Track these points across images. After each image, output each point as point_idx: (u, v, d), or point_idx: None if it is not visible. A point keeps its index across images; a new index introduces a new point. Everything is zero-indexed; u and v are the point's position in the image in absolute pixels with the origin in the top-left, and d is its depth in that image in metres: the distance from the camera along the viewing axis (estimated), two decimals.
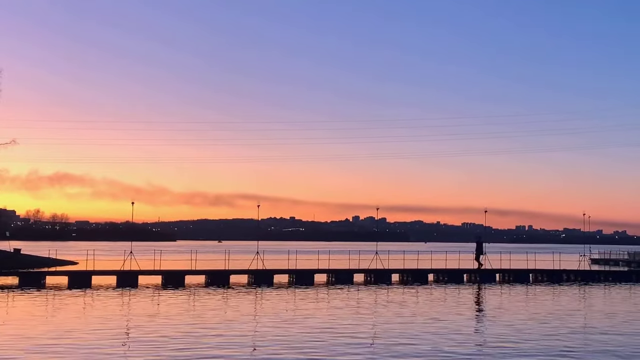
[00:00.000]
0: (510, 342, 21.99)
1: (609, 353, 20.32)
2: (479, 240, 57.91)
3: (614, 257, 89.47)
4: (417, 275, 52.80)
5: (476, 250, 56.68)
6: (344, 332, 23.94)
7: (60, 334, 22.84)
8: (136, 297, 36.74)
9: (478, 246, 56.75)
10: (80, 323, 25.83)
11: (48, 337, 22.17)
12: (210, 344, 20.88)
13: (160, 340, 21.42)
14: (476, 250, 56.68)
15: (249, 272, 49.87)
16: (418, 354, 19.71)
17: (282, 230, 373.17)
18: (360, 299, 37.22)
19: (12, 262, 57.21)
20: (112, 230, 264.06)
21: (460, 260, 59.33)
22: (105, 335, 22.58)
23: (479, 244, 56.86)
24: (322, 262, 55.94)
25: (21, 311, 30.30)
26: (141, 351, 19.64)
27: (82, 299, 35.85)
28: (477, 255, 56.35)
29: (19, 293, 38.47)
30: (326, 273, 51.57)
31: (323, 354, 19.59)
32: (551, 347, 21.06)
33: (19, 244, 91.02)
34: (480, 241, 57.42)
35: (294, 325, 25.49)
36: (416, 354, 19.71)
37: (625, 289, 47.51)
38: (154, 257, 51.87)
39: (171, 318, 27.42)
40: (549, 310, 32.42)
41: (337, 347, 20.70)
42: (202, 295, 38.08)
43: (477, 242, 57.62)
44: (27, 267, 56.33)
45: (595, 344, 21.97)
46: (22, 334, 22.85)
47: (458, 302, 35.99)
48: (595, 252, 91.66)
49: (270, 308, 31.95)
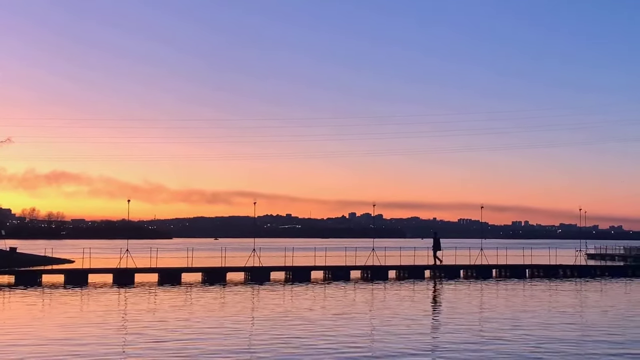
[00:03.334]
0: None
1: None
2: (435, 236, 56.38)
3: (610, 252, 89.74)
4: (413, 271, 52.82)
5: (433, 247, 54.97)
6: (342, 331, 23.93)
7: (56, 332, 22.79)
8: (132, 295, 36.69)
9: (435, 242, 55.08)
10: (77, 321, 25.75)
11: (45, 335, 22.12)
12: (207, 342, 20.84)
13: (157, 338, 21.38)
14: (433, 247, 54.97)
15: (246, 269, 49.85)
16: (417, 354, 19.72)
17: (278, 228, 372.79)
18: (357, 296, 37.23)
19: (8, 261, 57.12)
20: (108, 228, 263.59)
21: (456, 256, 59.33)
22: (102, 333, 22.53)
23: (436, 240, 55.19)
24: (319, 259, 55.98)
25: (17, 310, 30.21)
26: (138, 349, 19.60)
27: (79, 297, 35.79)
28: (435, 250, 54.59)
29: (15, 292, 38.39)
30: (323, 270, 51.59)
31: (319, 351, 19.58)
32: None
33: (15, 242, 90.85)
34: (437, 237, 55.84)
35: (290, 322, 25.47)
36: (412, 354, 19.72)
37: (621, 284, 47.61)
38: (150, 255, 51.87)
39: (168, 316, 27.37)
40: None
41: (335, 344, 20.69)
42: (198, 293, 38.04)
43: (434, 238, 55.92)
44: (23, 265, 56.21)
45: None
46: (18, 332, 22.79)
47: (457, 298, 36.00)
48: (592, 247, 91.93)
49: (267, 305, 31.90)
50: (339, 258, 58.99)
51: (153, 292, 38.87)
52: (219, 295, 36.80)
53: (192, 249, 58.25)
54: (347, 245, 65.45)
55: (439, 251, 54.84)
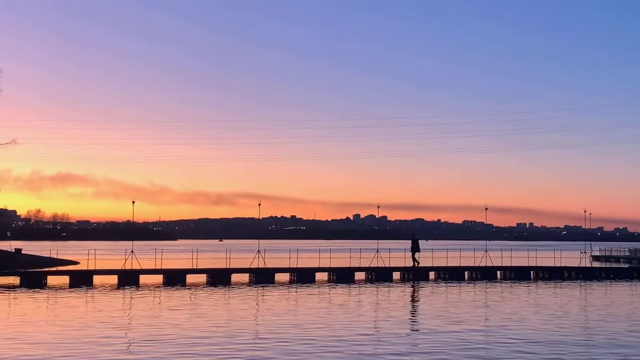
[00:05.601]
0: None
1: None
2: (413, 237, 55.25)
3: (615, 254, 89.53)
4: (418, 273, 52.74)
5: (412, 248, 53.71)
6: (342, 331, 23.95)
7: (60, 333, 22.87)
8: (137, 296, 36.77)
9: (414, 244, 53.75)
10: (82, 322, 25.82)
11: (50, 337, 22.19)
12: (212, 343, 20.89)
13: (162, 339, 21.44)
14: (412, 248, 53.71)
15: (250, 270, 49.88)
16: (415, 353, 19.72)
17: (283, 229, 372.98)
18: (362, 297, 37.24)
19: (13, 262, 57.24)
20: (113, 229, 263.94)
21: (461, 257, 59.28)
22: (106, 333, 22.59)
23: (415, 242, 53.86)
24: (323, 261, 56.00)
25: (22, 311, 30.29)
26: (143, 350, 19.66)
27: (84, 298, 35.88)
28: (413, 252, 53.34)
29: (20, 293, 38.50)
30: (327, 271, 51.57)
31: (324, 352, 19.61)
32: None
33: (20, 244, 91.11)
34: (415, 238, 54.64)
35: (294, 323, 25.50)
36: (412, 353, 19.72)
37: (626, 286, 47.50)
38: (155, 257, 51.94)
39: (172, 317, 27.43)
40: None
41: (340, 345, 20.72)
42: (203, 294, 38.11)
43: (412, 239, 54.61)
44: (28, 267, 56.32)
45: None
46: (23, 333, 22.87)
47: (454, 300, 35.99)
48: (596, 249, 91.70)
49: (271, 306, 31.93)
50: (343, 260, 58.98)
51: (158, 293, 38.95)
52: (224, 297, 36.85)
53: (196, 250, 58.38)
54: (351, 247, 65.45)
55: (417, 252, 53.74)
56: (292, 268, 51.61)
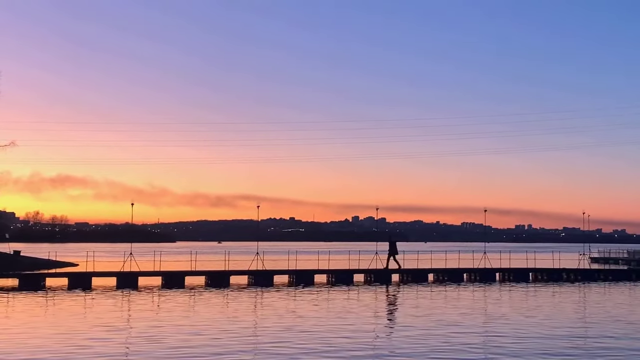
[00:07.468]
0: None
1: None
2: (390, 239, 54.67)
3: (613, 255, 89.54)
4: (417, 275, 52.78)
5: (389, 250, 52.93)
6: (344, 332, 23.98)
7: (60, 335, 22.86)
8: (136, 298, 36.77)
9: (391, 246, 53.02)
10: (80, 324, 25.83)
11: (48, 338, 22.19)
12: (210, 345, 20.90)
13: (160, 340, 21.45)
14: (389, 250, 52.93)
15: (249, 272, 49.87)
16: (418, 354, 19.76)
17: (281, 231, 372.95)
18: (360, 299, 37.26)
19: (12, 264, 57.24)
20: (112, 231, 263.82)
21: (460, 259, 59.29)
22: (105, 335, 22.60)
23: (392, 244, 53.11)
24: (322, 263, 55.95)
25: (21, 313, 30.30)
26: (142, 351, 19.66)
27: (83, 300, 35.88)
28: (390, 255, 52.51)
29: (19, 295, 38.48)
30: (326, 273, 51.54)
31: (324, 354, 19.63)
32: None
33: (19, 246, 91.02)
34: (392, 240, 53.91)
35: (293, 326, 25.51)
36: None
37: (625, 287, 47.53)
38: (154, 258, 51.91)
39: (171, 318, 27.44)
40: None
41: (337, 349, 20.74)
42: (202, 296, 38.10)
43: (389, 241, 53.96)
44: (27, 269, 56.31)
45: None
46: (22, 335, 22.87)
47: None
48: (595, 250, 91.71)
49: (270, 308, 31.94)
50: (342, 261, 58.96)
51: (157, 295, 38.93)
52: (222, 299, 36.85)
53: (195, 252, 58.46)
54: (350, 249, 65.38)
55: (396, 255, 52.74)
56: (291, 270, 51.59)
